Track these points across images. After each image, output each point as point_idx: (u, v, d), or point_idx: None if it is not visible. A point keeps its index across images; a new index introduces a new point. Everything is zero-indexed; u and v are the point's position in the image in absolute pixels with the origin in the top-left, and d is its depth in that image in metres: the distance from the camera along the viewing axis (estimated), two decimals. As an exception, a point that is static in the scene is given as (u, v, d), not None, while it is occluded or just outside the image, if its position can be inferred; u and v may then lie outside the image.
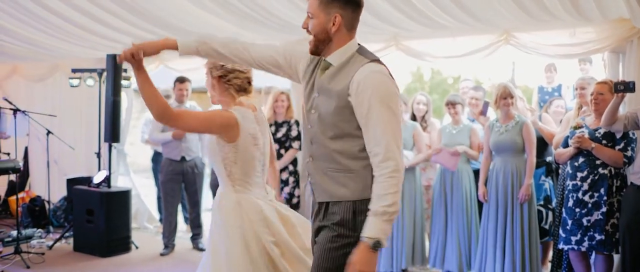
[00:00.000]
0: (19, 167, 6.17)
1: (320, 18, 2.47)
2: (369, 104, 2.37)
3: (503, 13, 5.06)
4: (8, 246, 6.73)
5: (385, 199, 2.34)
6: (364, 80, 2.38)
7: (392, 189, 2.34)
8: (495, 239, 5.32)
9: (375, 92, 2.37)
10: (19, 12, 6.31)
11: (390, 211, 2.34)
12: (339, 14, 2.45)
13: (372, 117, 2.38)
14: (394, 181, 2.35)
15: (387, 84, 2.41)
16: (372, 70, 2.40)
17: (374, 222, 2.34)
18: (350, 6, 2.47)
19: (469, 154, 5.67)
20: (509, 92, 5.30)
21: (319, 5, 2.47)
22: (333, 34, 2.47)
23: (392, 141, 2.36)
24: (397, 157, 2.36)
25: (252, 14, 5.57)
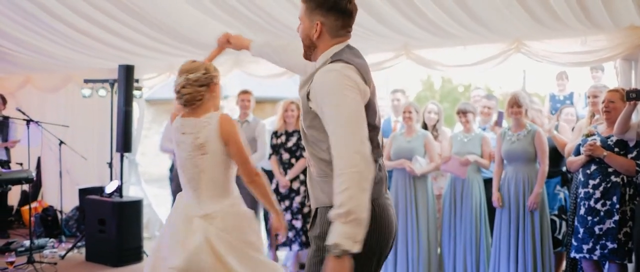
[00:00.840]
0: (31, 177, 6.21)
1: (305, 24, 2.49)
2: (321, 107, 2.31)
3: (514, 22, 5.05)
4: (21, 255, 6.77)
5: (335, 200, 2.17)
6: (317, 83, 2.33)
7: (338, 188, 2.16)
8: (508, 248, 5.29)
9: (323, 92, 2.30)
10: (32, 23, 6.37)
11: (341, 212, 2.12)
12: (320, 22, 2.43)
13: (326, 119, 2.30)
14: (340, 179, 2.16)
15: (333, 77, 2.29)
16: (324, 71, 2.34)
17: (333, 229, 2.15)
18: (332, 14, 2.43)
19: (480, 162, 5.64)
20: (516, 101, 5.28)
21: (305, 11, 2.48)
22: (316, 40, 2.47)
23: (341, 138, 2.22)
24: (345, 153, 2.18)
25: (260, 22, 5.59)
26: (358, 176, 2.15)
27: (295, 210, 6.13)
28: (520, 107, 5.27)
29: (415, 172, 5.67)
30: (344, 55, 2.41)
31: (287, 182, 6.13)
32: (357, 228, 2.13)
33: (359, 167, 2.16)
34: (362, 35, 5.66)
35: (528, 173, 5.25)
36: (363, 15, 5.10)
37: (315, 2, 2.44)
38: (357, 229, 2.13)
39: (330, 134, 2.26)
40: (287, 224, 6.16)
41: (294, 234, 6.13)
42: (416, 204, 5.72)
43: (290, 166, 6.17)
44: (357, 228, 2.13)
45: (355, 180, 2.15)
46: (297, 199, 6.15)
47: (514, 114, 5.29)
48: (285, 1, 5.04)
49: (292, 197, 6.16)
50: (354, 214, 2.12)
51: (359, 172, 2.15)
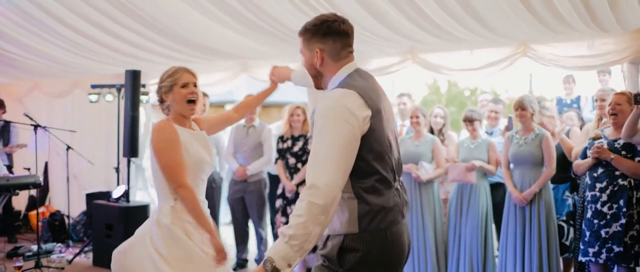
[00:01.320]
0: (39, 182, 6.22)
1: (306, 55, 2.55)
2: (314, 126, 2.36)
3: (520, 25, 5.04)
4: (29, 260, 6.79)
5: (290, 219, 2.22)
6: (317, 109, 2.36)
7: (296, 212, 2.20)
8: (514, 253, 5.27)
9: (316, 117, 2.33)
10: (40, 29, 6.41)
11: (287, 233, 2.18)
12: (319, 49, 2.48)
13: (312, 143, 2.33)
14: (302, 204, 2.18)
15: (327, 105, 2.31)
16: (323, 98, 2.38)
17: (275, 242, 2.23)
18: (329, 37, 2.48)
19: (486, 168, 5.62)
20: (520, 104, 5.28)
21: (303, 43, 2.55)
22: (320, 68, 2.51)
23: (313, 166, 2.24)
24: (312, 181, 2.20)
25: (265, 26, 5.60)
26: (317, 209, 2.17)
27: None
28: (524, 110, 5.26)
29: (421, 178, 5.66)
30: (348, 80, 2.44)
31: (293, 186, 6.13)
32: (296, 254, 2.19)
33: (322, 201, 2.17)
34: (368, 39, 5.66)
35: (535, 177, 5.23)
36: (369, 19, 5.11)
37: (310, 31, 2.50)
38: (296, 254, 2.19)
39: (310, 158, 2.29)
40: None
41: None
42: (422, 209, 5.71)
43: (297, 170, 6.18)
44: (296, 254, 2.19)
45: (313, 212, 2.17)
46: (304, 203, 6.14)
47: (519, 117, 5.29)
48: (292, 6, 5.05)
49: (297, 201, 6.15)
50: (297, 241, 2.17)
51: (319, 206, 2.17)
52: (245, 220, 6.77)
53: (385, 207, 2.36)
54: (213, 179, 6.78)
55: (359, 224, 2.33)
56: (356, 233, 2.32)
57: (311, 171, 2.24)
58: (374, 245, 2.33)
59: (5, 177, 6.10)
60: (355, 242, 2.33)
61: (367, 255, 2.32)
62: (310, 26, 2.50)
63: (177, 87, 3.28)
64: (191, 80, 3.32)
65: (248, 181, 6.51)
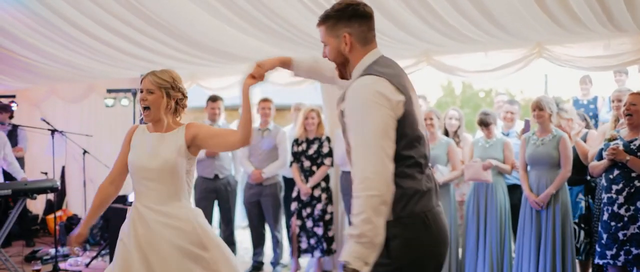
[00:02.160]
0: (56, 186, 6.28)
1: (332, 43, 2.48)
2: (348, 123, 2.31)
3: (535, 26, 5.01)
4: (46, 264, 6.86)
5: (352, 219, 2.19)
6: (347, 99, 2.33)
7: (354, 210, 2.17)
8: (529, 255, 5.23)
9: (350, 108, 2.29)
10: (56, 35, 6.46)
11: (354, 234, 2.15)
12: (347, 33, 2.43)
13: (350, 137, 2.30)
14: (358, 201, 2.16)
15: (361, 94, 2.27)
16: (354, 86, 2.33)
17: (347, 246, 2.18)
18: (355, 21, 2.44)
19: (501, 168, 5.59)
20: (538, 105, 5.24)
21: (327, 30, 2.48)
22: (348, 54, 2.45)
23: (361, 157, 2.21)
24: (363, 174, 2.18)
25: (281, 30, 5.61)
26: (375, 201, 2.15)
27: (316, 217, 6.13)
28: (542, 111, 5.21)
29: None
30: (375, 67, 2.39)
31: (308, 189, 6.13)
32: (369, 250, 2.15)
33: (377, 191, 2.16)
34: (382, 42, 5.64)
35: (551, 179, 5.18)
36: (383, 21, 5.10)
37: (335, 17, 2.45)
38: (369, 251, 2.15)
39: (352, 153, 2.25)
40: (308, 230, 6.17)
41: (316, 240, 6.14)
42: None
43: (311, 173, 6.18)
44: (369, 250, 2.15)
45: (371, 204, 2.15)
46: (319, 206, 6.15)
47: (537, 117, 5.24)
48: (305, 9, 5.05)
49: (314, 204, 6.16)
50: (366, 237, 2.14)
51: (376, 196, 2.16)
52: (261, 223, 6.78)
53: (419, 190, 2.33)
54: (228, 182, 6.80)
55: (393, 210, 2.26)
56: (392, 220, 2.26)
57: (358, 164, 2.21)
58: (415, 229, 2.30)
59: (23, 181, 6.17)
60: (395, 228, 2.27)
61: (410, 240, 2.29)
62: (333, 12, 2.45)
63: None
64: (145, 85, 3.25)
65: (263, 184, 6.52)
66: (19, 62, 7.60)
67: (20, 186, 5.96)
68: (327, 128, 6.30)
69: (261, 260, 6.81)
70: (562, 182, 5.16)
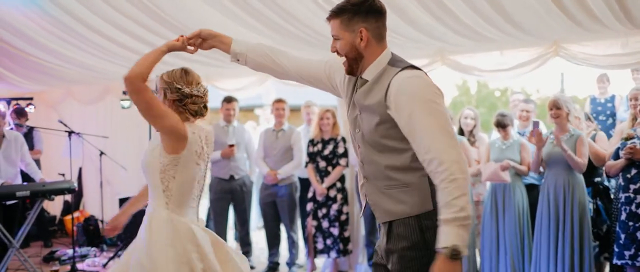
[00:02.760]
0: (74, 187, 6.33)
1: (346, 37, 2.43)
2: (409, 113, 2.26)
3: (551, 24, 4.96)
4: (64, 264, 6.92)
5: (451, 206, 2.15)
6: (399, 89, 2.30)
7: (455, 193, 2.15)
8: (547, 255, 5.19)
9: (413, 98, 2.27)
10: (72, 37, 6.52)
11: (460, 217, 2.13)
12: (363, 28, 2.40)
13: (415, 125, 2.26)
14: (455, 184, 2.15)
15: (422, 85, 2.30)
16: (405, 77, 2.32)
17: (447, 231, 2.15)
18: (372, 16, 2.41)
19: (518, 169, 5.54)
20: (555, 103, 5.18)
21: (341, 24, 2.43)
22: (363, 50, 2.42)
23: (443, 143, 2.20)
24: (452, 157, 2.18)
25: (295, 31, 5.61)
26: (467, 183, 2.19)
27: (332, 217, 6.13)
28: (560, 110, 5.16)
29: None
30: (403, 62, 2.42)
31: (324, 189, 6.13)
32: (468, 232, 2.17)
33: (467, 173, 2.21)
34: (396, 41, 5.63)
35: (569, 179, 5.13)
36: (397, 21, 5.08)
37: (351, 11, 2.41)
38: (468, 233, 2.18)
39: (430, 140, 2.22)
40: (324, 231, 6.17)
41: (332, 241, 6.13)
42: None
43: (327, 173, 6.18)
44: (468, 232, 2.17)
45: (466, 186, 2.18)
46: (334, 206, 6.15)
47: (553, 116, 5.19)
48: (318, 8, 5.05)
49: (329, 204, 6.16)
50: (469, 219, 2.16)
51: (468, 179, 2.23)
52: (276, 224, 6.79)
53: None
54: (243, 183, 6.82)
55: (433, 201, 2.30)
56: (432, 210, 2.31)
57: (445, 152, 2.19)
58: None
59: (42, 182, 6.23)
60: (431, 220, 2.29)
61: None
62: (350, 5, 2.41)
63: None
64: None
65: (279, 185, 6.53)
66: (36, 65, 7.67)
67: (38, 187, 6.02)
68: (342, 128, 6.29)
69: (277, 260, 6.82)
70: (573, 157, 5.05)
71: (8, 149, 6.22)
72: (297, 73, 2.79)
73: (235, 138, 6.75)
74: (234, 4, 5.22)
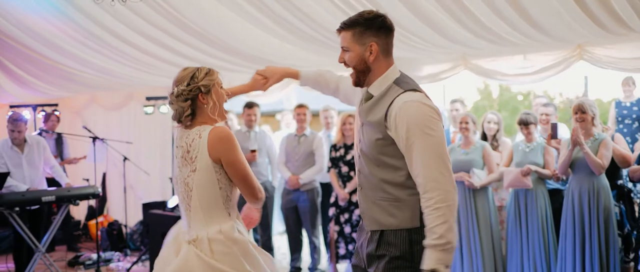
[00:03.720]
0: (98, 192, 6.40)
1: (356, 49, 2.52)
2: (407, 136, 2.38)
3: (576, 28, 4.92)
4: (89, 268, 6.99)
5: (433, 232, 2.34)
6: (399, 112, 2.40)
7: (437, 221, 2.33)
8: (573, 261, 5.12)
9: (411, 123, 2.37)
10: (97, 44, 6.60)
11: (440, 243, 2.33)
12: (374, 42, 2.50)
13: (411, 148, 2.38)
14: (439, 212, 2.33)
15: (421, 110, 2.39)
16: (406, 101, 2.41)
17: (428, 255, 2.35)
18: (383, 32, 2.52)
19: (541, 173, 5.48)
20: (580, 107, 5.11)
21: (353, 36, 2.51)
22: (372, 63, 2.52)
23: (435, 170, 2.35)
24: (440, 186, 2.34)
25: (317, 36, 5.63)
26: (453, 209, 2.35)
27: (354, 223, 6.12)
28: (585, 114, 5.09)
29: (474, 185, 5.58)
30: (411, 83, 2.52)
31: (346, 194, 6.13)
32: (450, 254, 2.36)
33: (453, 200, 2.36)
34: (419, 46, 5.63)
35: (594, 184, 5.06)
36: (419, 25, 5.08)
37: (363, 25, 2.50)
38: (450, 255, 2.36)
39: (421, 166, 2.37)
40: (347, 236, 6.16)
41: (354, 246, 6.11)
42: (477, 216, 5.62)
43: (349, 178, 6.17)
44: (450, 254, 2.36)
45: (451, 212, 2.35)
46: (357, 211, 6.14)
47: (578, 120, 5.12)
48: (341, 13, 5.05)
49: (352, 209, 6.15)
50: (451, 243, 2.35)
51: (454, 205, 2.36)
52: (298, 229, 6.80)
53: None
54: (265, 188, 6.83)
55: (420, 219, 2.45)
56: (419, 227, 2.45)
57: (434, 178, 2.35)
58: None
59: (67, 187, 6.30)
60: (419, 235, 2.44)
61: None
62: (362, 20, 2.50)
63: (217, 88, 2.90)
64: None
65: (301, 190, 6.54)
66: (62, 72, 7.78)
67: (64, 193, 6.10)
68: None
69: (299, 265, 6.82)
70: (594, 157, 4.98)
71: (31, 154, 6.31)
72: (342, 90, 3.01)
73: (257, 143, 6.77)
74: (257, 9, 5.25)
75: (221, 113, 2.93)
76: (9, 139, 6.21)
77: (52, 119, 8.44)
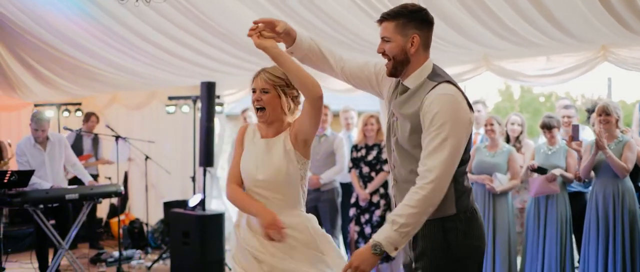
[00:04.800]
0: (121, 191, 6.47)
1: (397, 40, 2.54)
2: (433, 119, 2.40)
3: (600, 29, 4.85)
4: (111, 266, 7.06)
5: (400, 208, 2.41)
6: (434, 101, 2.43)
7: (410, 202, 2.39)
8: (596, 266, 5.06)
9: (442, 111, 2.40)
10: (120, 44, 6.67)
11: (398, 222, 2.37)
12: (417, 34, 2.53)
13: (431, 130, 2.41)
14: (417, 196, 2.39)
15: (456, 106, 2.43)
16: (439, 94, 2.44)
17: (383, 228, 2.42)
18: (425, 25, 2.56)
19: (565, 176, 5.43)
20: (605, 109, 5.05)
21: (395, 27, 2.54)
22: (412, 55, 2.54)
23: (438, 165, 2.38)
24: (439, 184, 2.39)
25: (341, 38, 5.63)
26: (430, 202, 2.39)
27: (375, 223, 6.11)
28: (609, 116, 5.03)
29: (495, 190, 5.55)
30: (446, 76, 2.55)
31: (367, 195, 6.12)
32: (404, 239, 2.40)
33: (440, 195, 2.41)
34: (440, 46, 5.60)
35: (619, 186, 4.99)
36: (441, 26, 5.05)
37: (407, 16, 2.53)
38: (403, 240, 2.40)
39: (428, 155, 2.42)
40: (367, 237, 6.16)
41: (374, 247, 6.10)
42: (495, 220, 5.59)
43: (370, 179, 6.16)
44: (404, 239, 2.40)
45: (427, 204, 2.39)
46: (377, 212, 6.13)
47: (603, 122, 5.06)
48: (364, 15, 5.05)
49: (372, 210, 6.15)
50: (407, 229, 2.39)
51: (433, 199, 2.40)
52: (318, 229, 6.79)
53: (469, 187, 2.60)
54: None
55: (456, 206, 2.52)
56: (454, 214, 2.52)
57: (432, 164, 2.39)
58: (471, 222, 2.56)
59: (90, 185, 6.38)
60: (454, 222, 2.53)
61: (468, 232, 2.54)
62: (407, 11, 2.54)
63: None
64: (259, 85, 2.93)
65: (321, 190, 6.54)
66: (85, 71, 7.87)
67: (87, 191, 6.17)
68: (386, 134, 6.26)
69: (318, 265, 6.81)
70: (618, 165, 4.93)
71: (53, 151, 6.38)
72: (344, 70, 2.86)
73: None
74: (279, 9, 5.27)
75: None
76: (32, 137, 6.29)
77: (92, 120, 8.56)
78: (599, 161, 5.06)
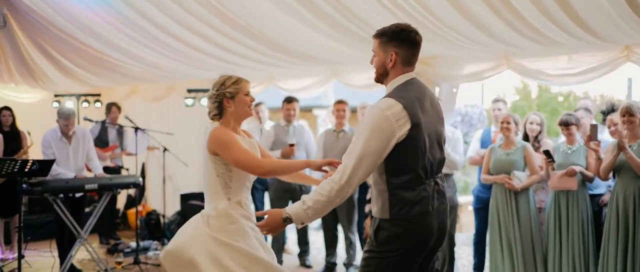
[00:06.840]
0: (139, 182, 6.52)
1: (380, 55, 2.97)
2: (359, 126, 2.86)
3: (624, 28, 4.78)
4: (128, 256, 7.12)
5: (313, 192, 2.84)
6: (367, 111, 2.90)
7: (322, 190, 2.81)
8: (615, 266, 5.02)
9: (365, 121, 2.82)
10: (139, 36, 6.70)
11: (307, 204, 2.81)
12: (394, 52, 2.92)
13: (355, 136, 2.85)
14: (328, 187, 2.79)
15: (378, 118, 2.77)
16: (374, 105, 2.83)
17: (296, 203, 2.86)
18: (405, 45, 2.93)
19: (585, 175, 5.39)
20: (628, 110, 5.00)
21: (379, 44, 2.97)
22: (390, 69, 2.96)
23: (352, 163, 2.77)
24: (349, 181, 2.77)
25: (360, 32, 5.61)
26: (336, 195, 2.79)
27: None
28: (633, 116, 4.98)
29: (515, 187, 5.52)
30: (400, 90, 2.89)
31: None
32: (309, 218, 2.84)
33: (343, 191, 2.79)
34: (461, 43, 5.56)
35: (639, 187, 4.95)
36: (461, 21, 5.01)
37: (389, 36, 2.93)
38: (309, 219, 2.84)
39: (345, 155, 2.83)
40: None
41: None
42: (518, 218, 5.56)
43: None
44: (309, 218, 2.84)
45: (332, 196, 2.79)
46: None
47: (626, 123, 5.01)
48: (384, 10, 5.03)
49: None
50: (313, 211, 2.82)
51: (340, 194, 2.79)
52: (334, 224, 6.81)
53: (412, 200, 2.85)
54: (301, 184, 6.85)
55: (389, 212, 2.87)
56: (388, 219, 2.87)
57: (351, 165, 2.78)
58: (401, 228, 2.84)
59: (108, 177, 6.43)
60: (386, 223, 2.88)
61: (396, 235, 2.85)
62: (389, 31, 2.94)
63: (241, 95, 3.49)
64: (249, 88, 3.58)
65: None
66: (106, 62, 7.93)
67: (106, 181, 6.23)
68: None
69: (334, 261, 6.84)
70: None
71: (77, 144, 6.47)
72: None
73: (296, 137, 6.80)
74: (301, 5, 5.26)
75: (240, 116, 3.53)
76: (58, 130, 6.36)
77: (113, 111, 8.63)
78: (620, 162, 5.02)
